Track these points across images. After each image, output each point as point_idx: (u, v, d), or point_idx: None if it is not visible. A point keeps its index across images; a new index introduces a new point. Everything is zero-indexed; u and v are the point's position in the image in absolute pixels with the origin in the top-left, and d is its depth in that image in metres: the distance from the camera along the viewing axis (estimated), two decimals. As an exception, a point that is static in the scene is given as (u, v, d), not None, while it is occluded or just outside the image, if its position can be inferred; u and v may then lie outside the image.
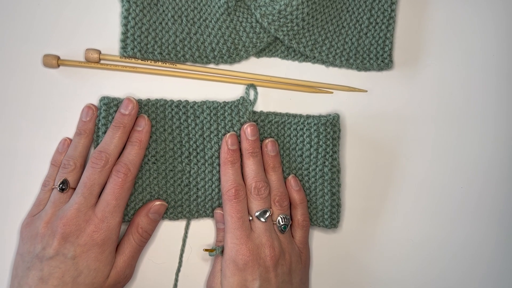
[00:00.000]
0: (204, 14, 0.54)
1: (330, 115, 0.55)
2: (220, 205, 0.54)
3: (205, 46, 0.54)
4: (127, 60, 0.54)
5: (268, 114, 0.55)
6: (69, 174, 0.50)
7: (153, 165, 0.53)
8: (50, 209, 0.49)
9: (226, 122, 0.54)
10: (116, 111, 0.52)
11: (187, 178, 0.54)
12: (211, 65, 0.56)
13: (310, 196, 0.55)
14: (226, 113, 0.54)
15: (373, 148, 0.58)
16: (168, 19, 0.54)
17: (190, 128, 0.54)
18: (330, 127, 0.54)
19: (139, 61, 0.54)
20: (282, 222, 0.52)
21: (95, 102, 0.53)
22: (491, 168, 0.59)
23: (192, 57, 0.54)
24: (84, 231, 0.48)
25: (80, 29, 0.54)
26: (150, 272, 0.55)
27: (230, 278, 0.50)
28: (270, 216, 0.51)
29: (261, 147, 0.53)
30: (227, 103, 0.54)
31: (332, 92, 0.57)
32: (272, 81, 0.56)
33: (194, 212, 0.54)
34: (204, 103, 0.54)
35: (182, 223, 0.55)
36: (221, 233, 0.53)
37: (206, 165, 0.54)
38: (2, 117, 0.53)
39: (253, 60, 0.57)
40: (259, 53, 0.56)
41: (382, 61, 0.56)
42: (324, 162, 0.54)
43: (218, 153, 0.54)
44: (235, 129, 0.54)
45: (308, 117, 0.55)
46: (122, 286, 0.52)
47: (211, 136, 0.54)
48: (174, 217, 0.54)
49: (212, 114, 0.54)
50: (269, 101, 0.56)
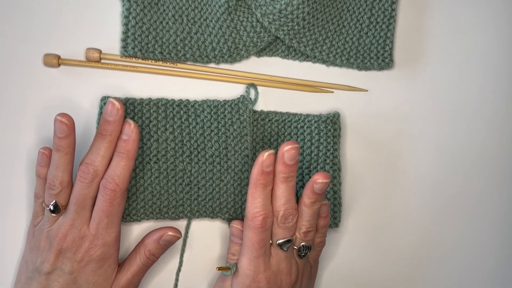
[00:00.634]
0: (205, 13, 0.54)
1: (330, 113, 0.55)
2: (221, 205, 0.54)
3: (205, 46, 0.54)
4: (128, 59, 0.54)
5: (268, 113, 0.55)
6: (58, 196, 0.47)
7: (154, 164, 0.53)
8: (46, 223, 0.48)
9: (226, 120, 0.54)
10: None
11: (188, 178, 0.54)
12: (212, 65, 0.56)
13: (311, 196, 0.55)
14: (226, 111, 0.54)
15: (373, 147, 0.58)
16: (169, 19, 0.54)
17: (191, 127, 0.54)
18: (330, 125, 0.54)
19: (140, 60, 0.54)
20: (303, 250, 0.49)
21: (96, 101, 0.53)
22: (491, 167, 0.59)
23: (192, 57, 0.54)
24: (80, 247, 0.47)
25: (81, 28, 0.54)
26: (151, 272, 0.55)
27: None
28: (293, 244, 0.48)
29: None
30: (227, 101, 0.54)
31: (333, 92, 0.57)
32: (272, 80, 0.56)
33: (195, 212, 0.54)
34: (204, 102, 0.54)
35: (182, 223, 0.55)
36: (235, 246, 0.51)
37: (207, 164, 0.54)
38: (2, 116, 0.53)
39: (253, 59, 0.57)
40: (260, 53, 0.56)
41: (382, 61, 0.56)
42: (325, 161, 0.54)
43: (218, 152, 0.54)
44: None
45: (308, 115, 0.55)
46: None
47: (212, 135, 0.54)
48: (175, 216, 0.54)
49: (212, 112, 0.54)
50: (269, 101, 0.56)
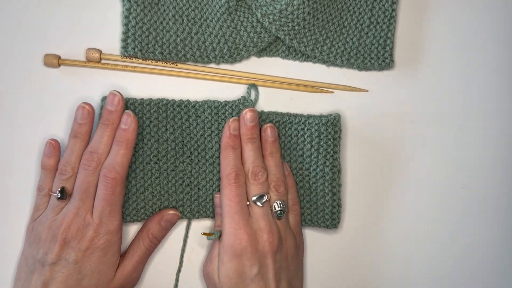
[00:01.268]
0: (205, 13, 0.54)
1: (331, 115, 0.55)
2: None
3: (206, 46, 0.54)
4: (128, 59, 0.54)
5: (269, 113, 0.55)
6: (67, 182, 0.49)
7: (155, 165, 0.53)
8: (50, 213, 0.49)
9: (228, 120, 0.54)
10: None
11: (188, 178, 0.54)
12: (212, 65, 0.56)
13: (311, 197, 0.55)
14: (227, 113, 0.54)
15: (374, 148, 0.58)
16: (169, 19, 0.54)
17: (191, 127, 0.54)
18: (331, 127, 0.54)
19: (140, 60, 0.54)
20: (279, 208, 0.51)
21: (96, 102, 0.53)
22: (492, 167, 0.59)
23: (193, 57, 0.54)
24: (84, 236, 0.48)
25: (81, 28, 0.54)
26: (151, 272, 0.55)
27: (228, 263, 0.50)
28: (268, 201, 0.51)
29: (260, 132, 0.53)
30: (228, 102, 0.54)
31: (333, 92, 0.57)
32: (273, 80, 0.56)
33: (195, 212, 0.54)
34: (205, 102, 0.54)
35: (183, 223, 0.55)
36: (219, 217, 0.53)
37: (207, 165, 0.54)
38: (3, 116, 0.53)
39: (254, 59, 0.57)
40: (260, 53, 0.56)
41: (383, 61, 0.56)
42: (325, 162, 0.54)
43: (219, 152, 0.54)
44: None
45: (309, 117, 0.55)
46: None
47: (212, 135, 0.54)
48: (175, 217, 0.54)
49: (213, 113, 0.54)
50: (270, 101, 0.56)
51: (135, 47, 0.53)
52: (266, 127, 0.53)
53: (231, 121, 0.52)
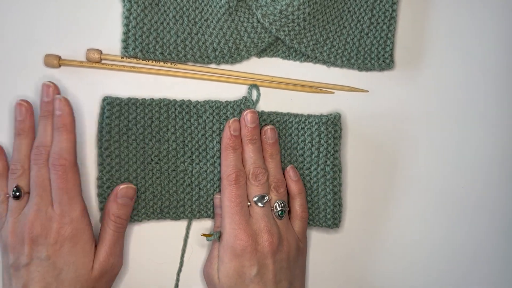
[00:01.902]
0: (206, 14, 0.54)
1: (331, 114, 0.55)
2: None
3: (206, 46, 0.54)
4: (129, 60, 0.54)
5: (269, 113, 0.55)
6: (20, 179, 0.49)
7: (155, 165, 0.53)
8: (10, 218, 0.48)
9: (228, 120, 0.54)
10: (118, 111, 0.52)
11: (189, 178, 0.54)
12: (212, 65, 0.56)
13: (312, 196, 0.55)
14: (229, 113, 0.54)
15: (374, 148, 0.58)
16: (170, 19, 0.54)
17: (192, 127, 0.54)
18: (331, 126, 0.54)
19: (141, 61, 0.54)
20: (279, 207, 0.52)
21: (97, 102, 0.53)
22: (492, 168, 0.59)
23: (193, 57, 0.54)
24: (50, 230, 0.47)
25: (82, 29, 0.54)
26: (151, 272, 0.55)
27: (228, 264, 0.50)
28: (268, 201, 0.52)
29: (260, 134, 0.54)
30: (229, 102, 0.54)
31: (333, 92, 0.57)
32: (273, 81, 0.56)
33: (195, 212, 0.54)
34: (206, 102, 0.54)
35: (183, 223, 0.55)
36: (219, 218, 0.54)
37: (208, 165, 0.54)
38: (3, 117, 0.53)
39: (254, 60, 0.57)
40: (260, 53, 0.56)
41: (383, 61, 0.56)
42: (326, 162, 0.54)
43: (220, 153, 0.54)
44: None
45: (309, 116, 0.55)
46: (112, 276, 0.51)
47: (213, 135, 0.54)
48: (176, 217, 0.54)
49: (214, 113, 0.54)
50: (270, 101, 0.56)
51: (136, 48, 0.53)
52: (266, 129, 0.53)
53: (231, 122, 0.52)
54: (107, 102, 0.52)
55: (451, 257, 0.59)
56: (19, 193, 0.48)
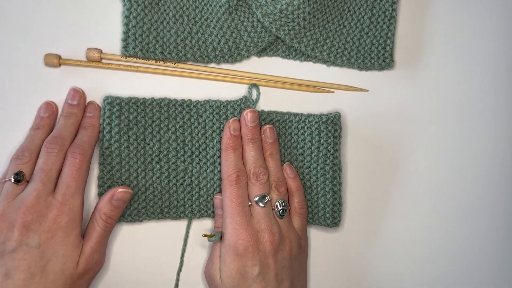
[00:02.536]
0: (206, 13, 0.54)
1: (331, 113, 0.55)
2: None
3: (206, 46, 0.54)
4: (129, 59, 0.54)
5: (269, 113, 0.55)
6: (24, 166, 0.49)
7: (156, 164, 0.53)
8: (2, 201, 0.47)
9: (228, 120, 0.54)
10: (119, 110, 0.52)
11: (189, 178, 0.54)
12: (212, 65, 0.56)
13: (312, 195, 0.55)
14: (229, 112, 0.54)
15: (374, 147, 0.58)
16: (170, 19, 0.54)
17: (193, 127, 0.54)
18: (331, 126, 0.54)
19: (141, 60, 0.54)
20: (280, 206, 0.52)
21: (97, 101, 0.53)
22: (492, 167, 0.59)
23: (193, 57, 0.54)
24: (46, 217, 0.47)
25: (82, 28, 0.54)
26: (151, 271, 0.55)
27: (230, 264, 0.50)
28: (269, 201, 0.52)
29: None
30: (230, 102, 0.54)
31: (333, 92, 0.57)
32: (273, 80, 0.56)
33: (196, 212, 0.54)
34: (206, 102, 0.54)
35: (183, 223, 0.55)
36: (219, 219, 0.54)
37: (208, 164, 0.54)
38: (3, 116, 0.53)
39: (254, 59, 0.57)
40: (261, 53, 0.56)
41: (383, 61, 0.56)
42: (325, 161, 0.54)
43: (220, 152, 0.54)
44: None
45: (309, 115, 0.55)
46: (93, 273, 0.51)
47: (213, 135, 0.54)
48: (176, 216, 0.54)
49: (214, 113, 0.54)
50: (270, 101, 0.56)
51: (136, 47, 0.53)
52: (266, 128, 0.53)
53: (231, 122, 0.53)
54: (107, 102, 0.52)
55: (451, 257, 0.59)
56: (20, 177, 0.48)
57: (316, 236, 0.57)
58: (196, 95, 0.55)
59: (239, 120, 0.53)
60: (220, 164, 0.54)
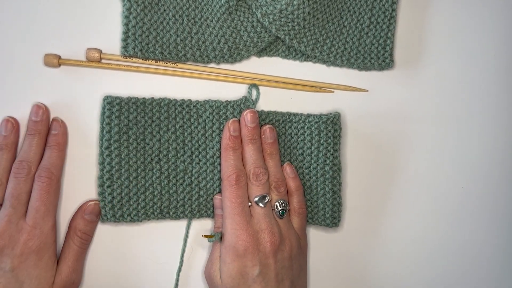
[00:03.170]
0: (205, 13, 0.54)
1: (331, 113, 0.55)
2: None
3: (206, 46, 0.54)
4: (128, 59, 0.54)
5: (269, 113, 0.55)
6: None
7: (156, 164, 0.53)
8: None
9: (227, 121, 0.54)
10: (119, 110, 0.52)
11: (189, 178, 0.54)
12: (212, 65, 0.56)
13: (311, 195, 0.55)
14: (228, 112, 0.54)
15: (374, 147, 0.58)
16: (169, 19, 0.54)
17: (192, 127, 0.54)
18: (331, 126, 0.54)
19: (140, 60, 0.54)
20: (280, 207, 0.52)
21: (97, 101, 0.53)
22: (492, 167, 0.59)
23: (193, 57, 0.54)
24: (18, 241, 0.47)
25: (81, 28, 0.54)
26: (151, 272, 0.55)
27: (230, 264, 0.50)
28: (269, 201, 0.52)
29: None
30: (230, 102, 0.54)
31: (333, 92, 0.57)
32: (273, 80, 0.56)
33: (195, 212, 0.54)
34: (206, 102, 0.54)
35: (183, 223, 0.55)
36: (219, 219, 0.54)
37: (208, 164, 0.54)
38: (3, 116, 0.53)
39: (254, 59, 0.57)
40: (260, 53, 0.56)
41: (383, 61, 0.56)
42: (325, 161, 0.54)
43: (220, 152, 0.54)
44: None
45: (309, 115, 0.55)
46: None
47: (213, 135, 0.54)
48: (176, 217, 0.54)
49: (214, 113, 0.54)
50: (270, 101, 0.56)
51: (135, 47, 0.53)
52: (265, 128, 0.53)
53: (230, 123, 0.53)
54: (107, 102, 0.52)
55: (451, 257, 0.59)
56: None
57: (316, 236, 0.57)
58: (196, 95, 0.55)
59: (239, 120, 0.53)
60: (219, 164, 0.54)
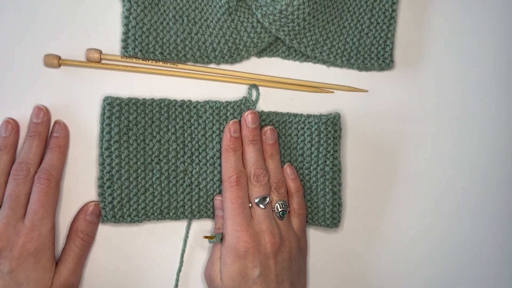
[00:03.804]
0: (205, 14, 0.54)
1: (331, 114, 0.55)
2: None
3: (206, 46, 0.54)
4: (128, 60, 0.54)
5: (269, 113, 0.55)
6: None
7: (156, 165, 0.53)
8: None
9: (228, 121, 0.54)
10: (119, 110, 0.52)
11: (189, 178, 0.54)
12: (212, 65, 0.56)
13: (311, 196, 0.55)
14: (229, 113, 0.54)
15: (374, 148, 0.58)
16: (169, 19, 0.54)
17: (193, 128, 0.54)
18: (331, 126, 0.54)
19: (140, 61, 0.54)
20: (280, 208, 0.52)
21: (97, 102, 0.53)
22: (492, 168, 0.59)
23: (193, 57, 0.54)
24: (16, 244, 0.47)
25: (81, 29, 0.54)
26: (151, 272, 0.55)
27: (231, 265, 0.50)
28: (270, 202, 0.52)
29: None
30: (230, 102, 0.54)
31: (333, 92, 0.57)
32: (273, 81, 0.56)
33: (195, 213, 0.54)
34: (206, 103, 0.54)
35: (183, 223, 0.55)
36: (220, 220, 0.54)
37: (208, 165, 0.54)
38: (3, 117, 0.53)
39: (254, 60, 0.57)
40: (260, 53, 0.56)
41: (383, 61, 0.56)
42: (325, 161, 0.54)
43: (220, 153, 0.54)
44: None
45: (308, 116, 0.55)
46: None
47: (213, 136, 0.54)
48: (176, 217, 0.54)
49: (214, 114, 0.54)
50: (270, 101, 0.56)
51: (135, 47, 0.53)
52: (266, 129, 0.53)
53: (231, 124, 0.53)
54: (107, 102, 0.52)
55: (451, 257, 0.59)
56: None
57: (316, 236, 0.57)
58: (196, 96, 0.55)
59: (239, 121, 0.53)
60: (220, 165, 0.54)
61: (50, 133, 0.52)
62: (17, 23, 0.53)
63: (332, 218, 0.55)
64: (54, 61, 0.53)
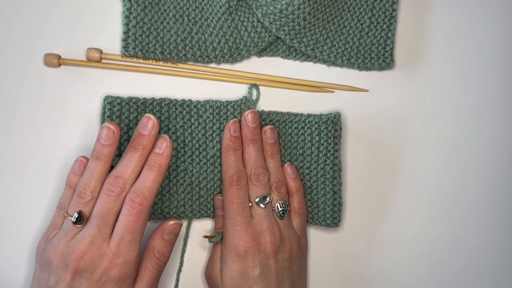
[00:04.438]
0: (206, 13, 0.54)
1: (331, 113, 0.55)
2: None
3: (206, 46, 0.54)
4: (129, 59, 0.54)
5: (269, 113, 0.55)
6: (85, 206, 0.46)
7: (156, 164, 0.53)
8: (62, 238, 0.46)
9: (228, 121, 0.54)
10: (119, 110, 0.52)
11: (189, 178, 0.54)
12: (212, 65, 0.56)
13: (312, 195, 0.55)
14: (229, 112, 0.54)
15: (374, 147, 0.58)
16: (170, 19, 0.54)
17: (193, 127, 0.54)
18: (331, 126, 0.54)
19: (141, 60, 0.54)
20: (281, 207, 0.52)
21: (96, 101, 0.53)
22: (492, 167, 0.59)
23: (193, 57, 0.54)
24: (99, 266, 0.44)
25: (81, 28, 0.54)
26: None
27: (231, 265, 0.50)
28: (270, 202, 0.52)
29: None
30: (230, 102, 0.54)
31: (333, 92, 0.57)
32: (273, 80, 0.56)
33: (196, 212, 0.54)
34: (207, 102, 0.54)
35: (183, 223, 0.55)
36: (220, 219, 0.54)
37: (208, 164, 0.54)
38: (3, 116, 0.53)
39: (254, 59, 0.57)
40: (261, 53, 0.56)
41: (383, 61, 0.56)
42: (326, 161, 0.54)
43: (220, 152, 0.54)
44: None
45: (309, 115, 0.55)
46: None
47: (213, 135, 0.54)
48: (176, 217, 0.54)
49: (215, 113, 0.54)
50: (270, 101, 0.56)
51: (136, 47, 0.53)
52: (266, 129, 0.53)
53: (231, 123, 0.53)
54: (107, 102, 0.52)
55: (451, 257, 0.59)
56: (80, 220, 0.45)
57: (316, 236, 0.57)
58: (196, 95, 0.55)
59: (239, 121, 0.53)
60: (220, 164, 0.54)
61: (152, 148, 0.47)
62: (17, 23, 0.53)
63: (332, 218, 0.55)
64: (54, 61, 0.53)
